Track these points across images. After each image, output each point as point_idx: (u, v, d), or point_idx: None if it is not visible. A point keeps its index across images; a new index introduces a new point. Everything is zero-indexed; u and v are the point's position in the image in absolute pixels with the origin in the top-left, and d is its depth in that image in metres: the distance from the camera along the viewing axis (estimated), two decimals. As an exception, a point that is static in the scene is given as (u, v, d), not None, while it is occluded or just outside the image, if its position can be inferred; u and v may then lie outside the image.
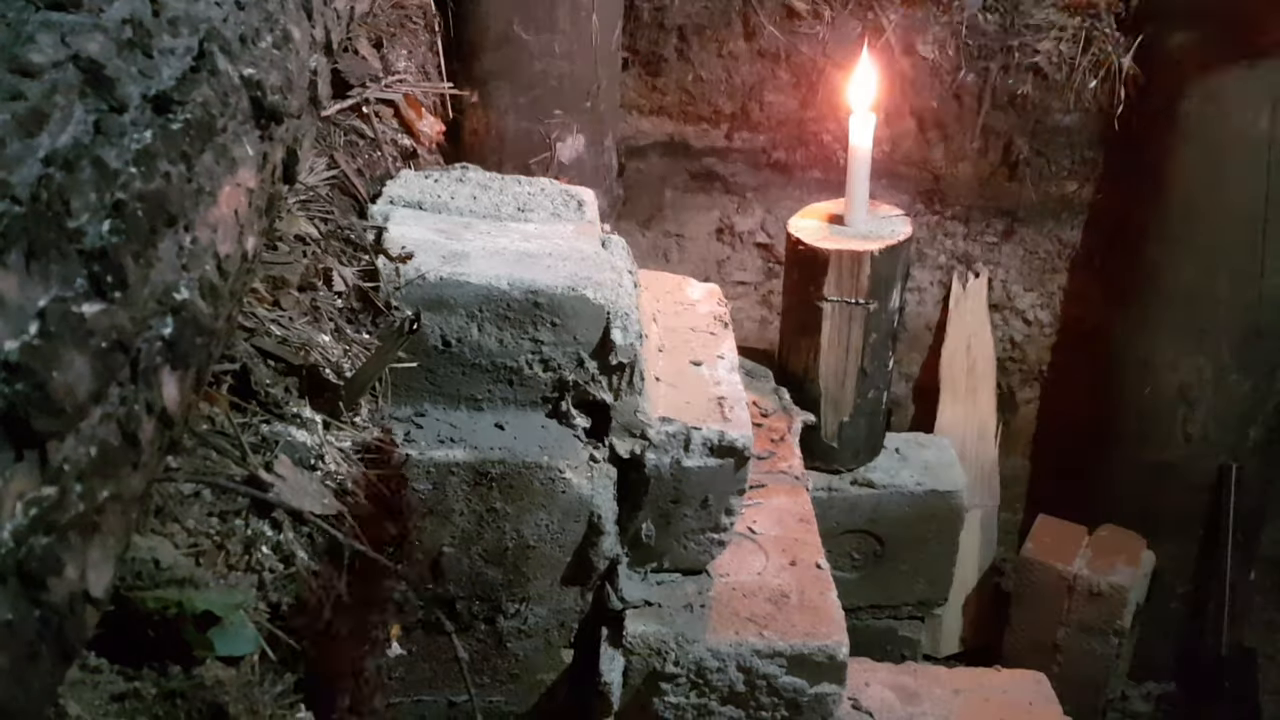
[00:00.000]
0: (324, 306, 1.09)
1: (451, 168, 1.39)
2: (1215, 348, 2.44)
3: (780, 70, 2.44)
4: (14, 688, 0.48)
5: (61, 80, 0.54)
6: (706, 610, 1.21)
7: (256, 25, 0.83)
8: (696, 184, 2.58)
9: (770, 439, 1.51)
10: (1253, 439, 2.51)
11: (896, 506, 2.06)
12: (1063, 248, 2.64)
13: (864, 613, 2.15)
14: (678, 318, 1.42)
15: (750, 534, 1.31)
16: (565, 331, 1.15)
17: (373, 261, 1.14)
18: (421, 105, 1.59)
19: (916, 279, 2.63)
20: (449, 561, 1.19)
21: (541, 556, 1.21)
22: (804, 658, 1.19)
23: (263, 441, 0.91)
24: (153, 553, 0.72)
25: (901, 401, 2.73)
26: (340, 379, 1.02)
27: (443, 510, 1.16)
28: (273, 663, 0.77)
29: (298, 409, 0.97)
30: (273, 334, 1.00)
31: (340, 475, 0.97)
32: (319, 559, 0.87)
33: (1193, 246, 2.39)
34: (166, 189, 0.61)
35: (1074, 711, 1.78)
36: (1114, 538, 2.47)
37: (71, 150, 0.52)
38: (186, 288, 0.63)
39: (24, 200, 0.48)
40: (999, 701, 1.72)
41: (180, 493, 0.80)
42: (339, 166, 1.30)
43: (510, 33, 1.83)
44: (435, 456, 1.14)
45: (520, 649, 1.26)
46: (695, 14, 2.40)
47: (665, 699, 1.20)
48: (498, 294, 1.13)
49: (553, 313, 1.13)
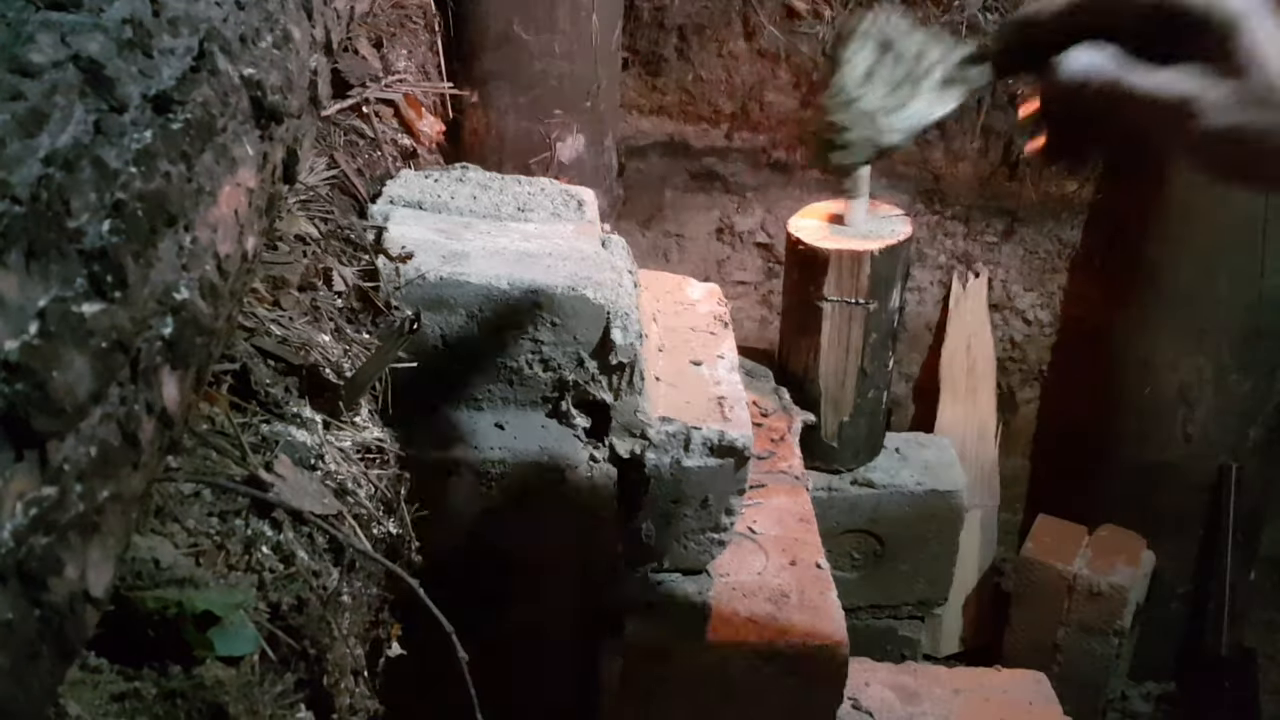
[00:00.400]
0: (324, 306, 1.09)
1: (451, 168, 1.39)
2: (1215, 348, 2.44)
3: (780, 70, 2.44)
4: (14, 688, 0.48)
5: (61, 80, 0.54)
6: (707, 610, 1.21)
7: (256, 25, 0.83)
8: (696, 184, 2.58)
9: (770, 439, 1.51)
10: (1253, 439, 2.51)
11: (896, 506, 2.06)
12: (1063, 248, 2.64)
13: (864, 613, 2.15)
14: (678, 317, 1.42)
15: (750, 534, 1.31)
16: (565, 331, 1.15)
17: (373, 261, 1.14)
18: (421, 105, 1.59)
19: (916, 279, 2.63)
20: (449, 561, 1.18)
21: (542, 556, 1.21)
22: (804, 658, 1.19)
23: (263, 441, 0.91)
24: (153, 553, 0.72)
25: (901, 401, 2.73)
26: (340, 379, 1.02)
27: (443, 510, 1.16)
28: (273, 663, 0.77)
29: (298, 409, 0.97)
30: (273, 334, 1.00)
31: (340, 475, 0.97)
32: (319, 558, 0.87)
33: (1193, 246, 2.39)
34: (166, 189, 0.61)
35: (1074, 711, 1.78)
36: (1114, 538, 2.47)
37: (71, 150, 0.52)
38: (186, 288, 0.63)
39: (24, 200, 0.48)
40: (999, 701, 1.73)
41: (180, 493, 0.80)
42: (339, 166, 1.30)
43: (510, 33, 1.83)
44: (435, 456, 1.14)
45: (520, 649, 1.27)
46: (695, 14, 2.40)
47: (665, 699, 1.20)
48: (498, 294, 1.13)
49: (553, 312, 1.13)
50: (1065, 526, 2.49)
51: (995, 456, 2.69)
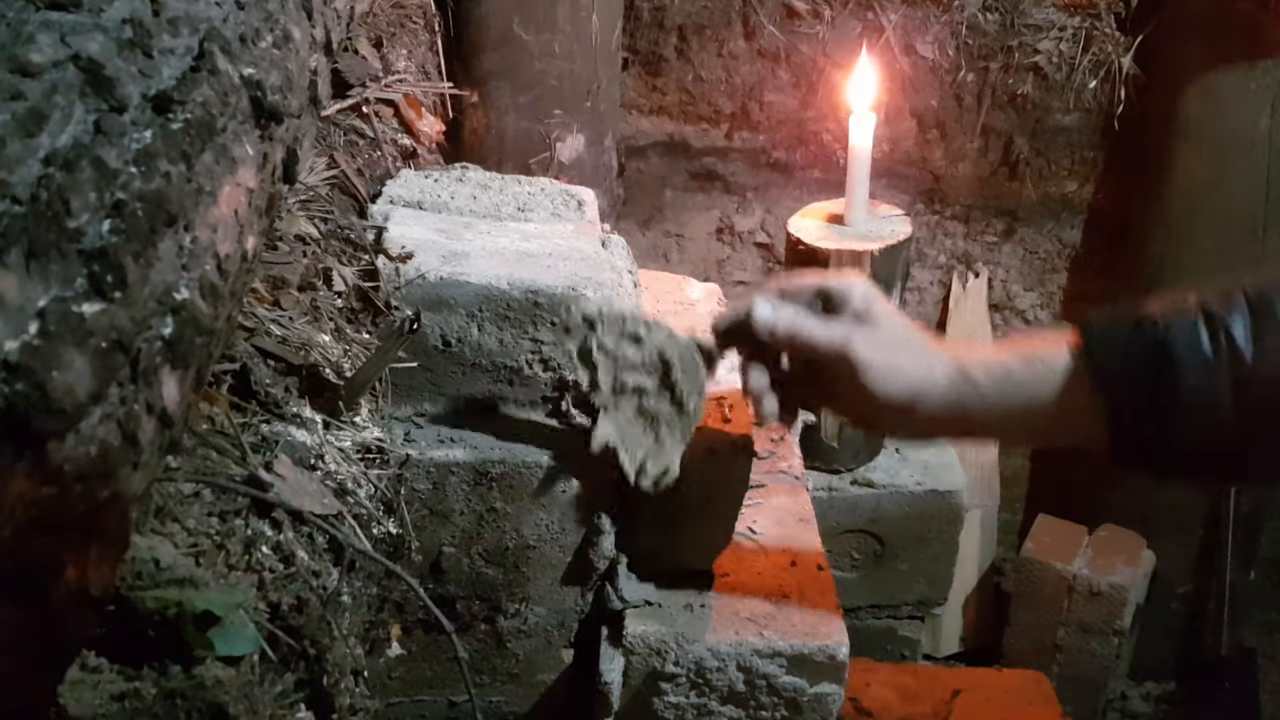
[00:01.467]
0: (324, 306, 1.09)
1: (451, 167, 1.39)
2: (1215, 348, 2.44)
3: (780, 70, 2.44)
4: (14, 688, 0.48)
5: (61, 80, 0.54)
6: (707, 610, 1.21)
7: (256, 25, 0.83)
8: (696, 184, 2.58)
9: (770, 439, 1.51)
10: (1253, 439, 2.51)
11: (896, 506, 2.06)
12: (1063, 248, 2.64)
13: (864, 613, 2.14)
14: (678, 317, 1.42)
15: (750, 534, 1.31)
16: (565, 331, 1.15)
17: (373, 261, 1.14)
18: (421, 105, 1.59)
19: (916, 279, 2.63)
20: (449, 561, 1.19)
21: (541, 556, 1.21)
22: (804, 658, 1.18)
23: (263, 441, 0.91)
24: (153, 553, 0.72)
25: (901, 401, 2.73)
26: (340, 379, 1.03)
27: (443, 510, 1.16)
28: (273, 663, 0.77)
29: (298, 409, 0.97)
30: (273, 334, 1.00)
31: (340, 475, 0.97)
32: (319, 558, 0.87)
33: (1192, 246, 2.39)
34: (166, 189, 0.61)
35: (1074, 711, 1.79)
36: (1114, 538, 2.46)
37: (71, 150, 0.52)
38: (186, 287, 0.63)
39: (24, 200, 0.48)
40: (999, 701, 1.73)
41: (180, 493, 0.80)
42: (339, 166, 1.31)
43: (510, 32, 1.83)
44: (435, 456, 1.14)
45: (520, 649, 1.26)
46: (695, 14, 2.40)
47: (665, 699, 1.20)
48: (498, 293, 1.13)
49: (553, 312, 1.13)
50: (1065, 526, 2.49)
51: (995, 456, 2.69)
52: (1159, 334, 0.88)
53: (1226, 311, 0.87)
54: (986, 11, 2.38)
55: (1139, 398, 0.88)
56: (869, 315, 0.97)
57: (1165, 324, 0.88)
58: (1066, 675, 2.38)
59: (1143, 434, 0.89)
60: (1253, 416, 0.86)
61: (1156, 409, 0.87)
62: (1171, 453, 0.90)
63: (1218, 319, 0.87)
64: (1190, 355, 0.86)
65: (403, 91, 1.53)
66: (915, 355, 0.96)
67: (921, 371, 0.95)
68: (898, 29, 2.38)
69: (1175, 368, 0.86)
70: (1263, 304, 0.87)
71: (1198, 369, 0.86)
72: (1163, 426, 0.88)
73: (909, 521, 2.07)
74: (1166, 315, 0.89)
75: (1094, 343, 0.91)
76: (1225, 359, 0.85)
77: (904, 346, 0.97)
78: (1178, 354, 0.87)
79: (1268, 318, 0.86)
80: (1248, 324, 0.86)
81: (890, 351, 0.96)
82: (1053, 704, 1.74)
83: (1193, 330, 0.87)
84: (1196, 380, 0.86)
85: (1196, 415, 0.87)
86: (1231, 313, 0.87)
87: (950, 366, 0.95)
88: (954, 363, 0.96)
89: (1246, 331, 0.86)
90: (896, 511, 2.06)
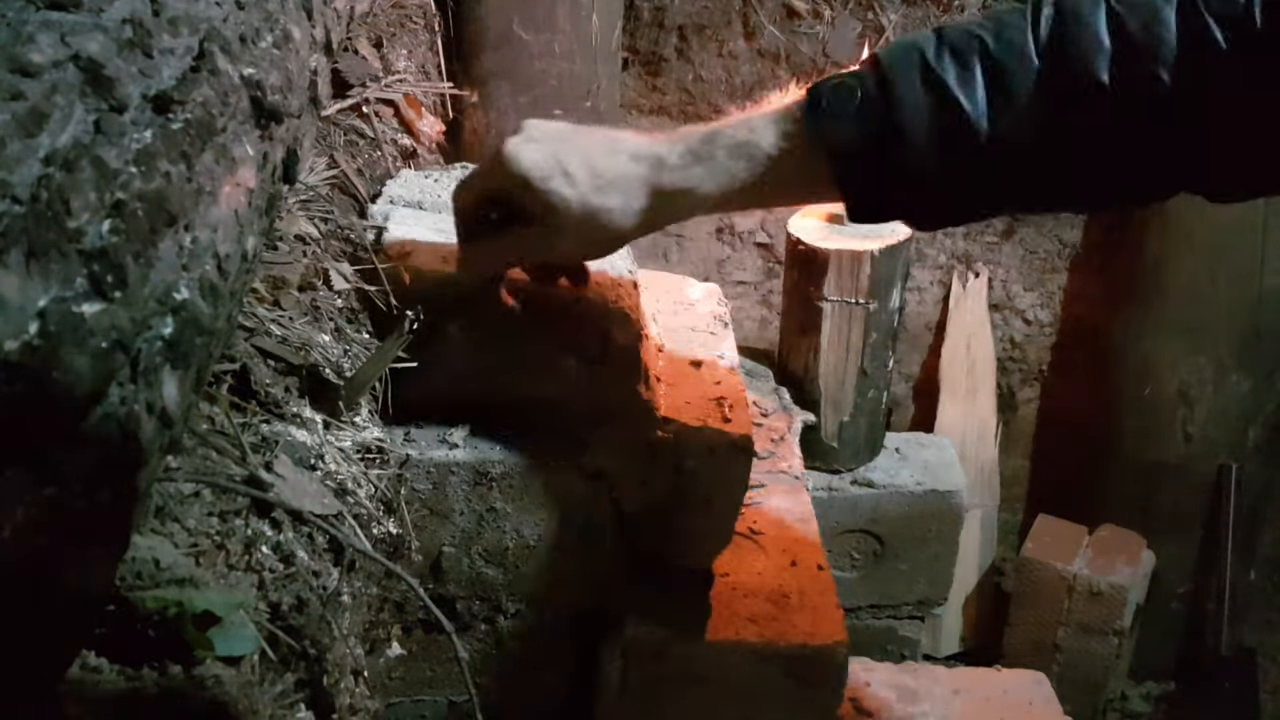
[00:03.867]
0: (324, 306, 1.09)
1: (451, 167, 1.39)
2: (1215, 348, 2.44)
3: (780, 70, 2.44)
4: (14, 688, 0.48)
5: (61, 80, 0.54)
6: (707, 610, 1.21)
7: (256, 25, 0.83)
8: (696, 184, 2.58)
9: (770, 439, 1.51)
10: (1253, 439, 2.51)
11: (896, 506, 2.06)
12: (1063, 248, 2.64)
13: (864, 613, 2.15)
14: (677, 317, 1.42)
15: (750, 534, 1.31)
16: (565, 331, 1.14)
17: (373, 261, 1.14)
18: (421, 105, 1.59)
19: (916, 279, 2.63)
20: (449, 561, 1.19)
21: (541, 556, 1.21)
22: (804, 658, 1.18)
23: (263, 441, 0.91)
24: (153, 553, 0.72)
25: (901, 401, 2.73)
26: (340, 379, 1.02)
27: (443, 510, 1.16)
28: (273, 663, 0.77)
29: (298, 409, 0.97)
30: (273, 334, 1.00)
31: (340, 475, 0.97)
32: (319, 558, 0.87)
33: (1193, 246, 2.39)
34: (166, 189, 0.61)
35: (1074, 711, 1.79)
36: (1114, 538, 2.47)
37: (71, 150, 0.52)
38: (186, 288, 0.63)
39: (24, 200, 0.48)
40: (999, 701, 1.73)
41: (180, 493, 0.80)
42: (339, 166, 1.31)
43: (510, 32, 1.83)
44: (435, 456, 1.14)
45: (520, 649, 1.26)
46: (695, 14, 2.40)
47: (665, 699, 1.20)
48: (498, 294, 1.13)
49: (553, 312, 1.13)
50: (1065, 526, 2.50)
51: (995, 456, 2.69)
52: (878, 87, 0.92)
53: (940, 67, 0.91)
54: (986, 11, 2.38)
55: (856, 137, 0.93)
56: (542, 201, 0.94)
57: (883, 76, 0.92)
58: (1066, 675, 2.38)
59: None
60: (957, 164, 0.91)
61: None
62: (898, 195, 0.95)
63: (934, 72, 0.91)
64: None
65: (403, 91, 1.53)
66: (609, 202, 0.94)
67: (626, 218, 0.95)
68: (898, 29, 2.38)
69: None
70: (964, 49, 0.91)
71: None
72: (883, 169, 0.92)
73: (909, 521, 2.07)
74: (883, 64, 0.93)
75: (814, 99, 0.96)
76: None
77: (592, 207, 0.93)
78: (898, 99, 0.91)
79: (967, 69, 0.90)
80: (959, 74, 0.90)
81: (584, 222, 0.94)
82: (1053, 704, 1.75)
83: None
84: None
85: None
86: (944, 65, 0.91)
87: (645, 184, 0.94)
88: (649, 177, 0.94)
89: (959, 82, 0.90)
90: (896, 511, 2.06)
